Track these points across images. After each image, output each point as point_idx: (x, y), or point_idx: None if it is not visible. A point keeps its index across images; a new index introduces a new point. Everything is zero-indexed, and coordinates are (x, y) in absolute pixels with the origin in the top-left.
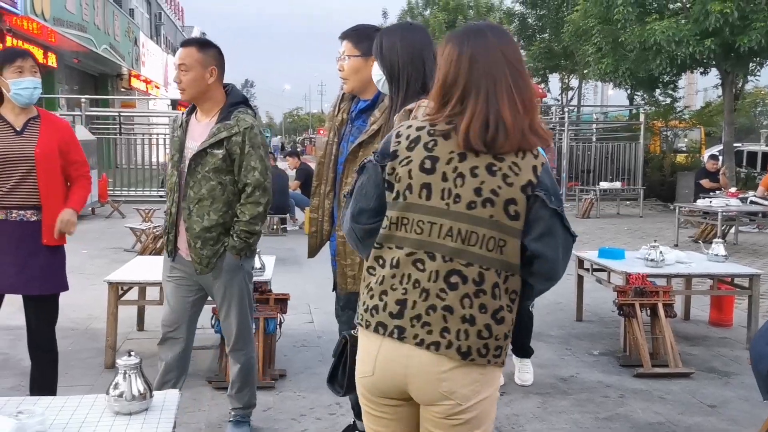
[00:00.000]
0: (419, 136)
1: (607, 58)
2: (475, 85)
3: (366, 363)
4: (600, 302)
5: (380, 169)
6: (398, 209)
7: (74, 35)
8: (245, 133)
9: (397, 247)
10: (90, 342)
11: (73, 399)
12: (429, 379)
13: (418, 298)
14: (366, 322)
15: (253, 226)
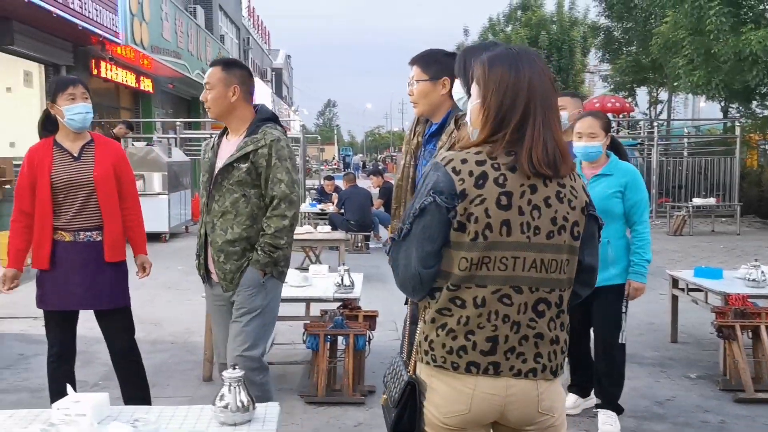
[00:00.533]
0: (484, 171)
1: (699, 70)
2: (532, 111)
3: (459, 402)
4: (695, 323)
5: (445, 210)
6: (479, 249)
7: (170, 62)
8: (272, 145)
9: (478, 285)
10: (188, 355)
11: (181, 409)
12: (528, 404)
13: (510, 332)
14: (453, 363)
15: (278, 240)
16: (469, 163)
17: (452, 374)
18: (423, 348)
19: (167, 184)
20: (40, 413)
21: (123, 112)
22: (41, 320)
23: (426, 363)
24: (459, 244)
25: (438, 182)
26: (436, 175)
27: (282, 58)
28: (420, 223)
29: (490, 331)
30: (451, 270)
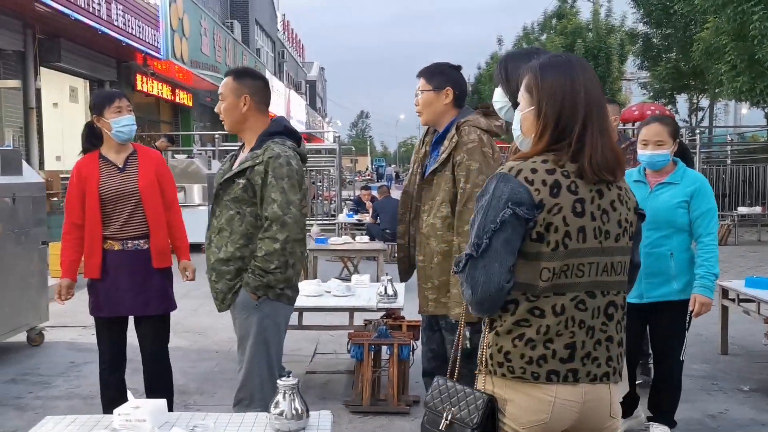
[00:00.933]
0: (557, 180)
1: (742, 76)
2: (590, 117)
3: (540, 412)
4: (746, 334)
5: (524, 221)
6: (560, 258)
7: (208, 75)
8: (268, 162)
9: (557, 294)
10: (233, 364)
11: (237, 416)
12: (602, 409)
13: (586, 337)
14: (533, 374)
15: (268, 264)
16: (540, 172)
17: (532, 384)
18: (496, 360)
19: (207, 195)
20: (101, 419)
21: (163, 125)
22: (90, 329)
23: (501, 375)
24: (538, 255)
25: (514, 193)
26: (509, 186)
27: (316, 70)
28: (500, 237)
29: (568, 338)
30: (531, 282)
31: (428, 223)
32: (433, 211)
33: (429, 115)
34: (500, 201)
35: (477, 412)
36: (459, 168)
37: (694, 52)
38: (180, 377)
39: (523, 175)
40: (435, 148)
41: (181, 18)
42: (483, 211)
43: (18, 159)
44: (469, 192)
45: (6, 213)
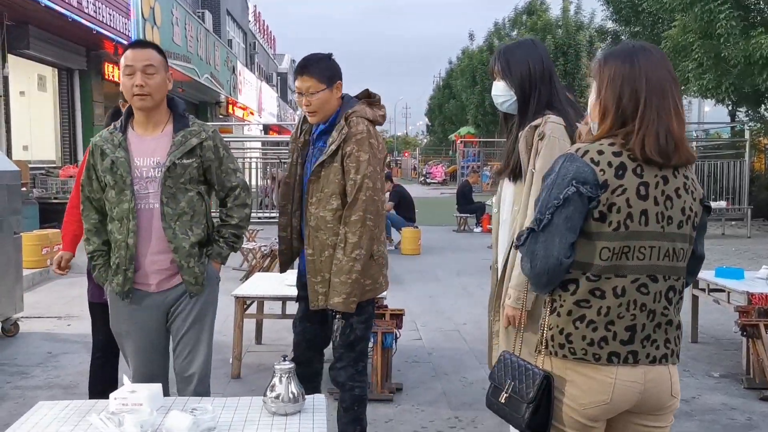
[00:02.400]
0: (623, 162)
1: (708, 73)
2: (649, 101)
3: (601, 393)
4: (714, 323)
5: (587, 200)
6: (621, 239)
7: (180, 66)
8: (214, 137)
9: (617, 275)
10: (214, 354)
11: (232, 400)
12: (664, 389)
13: (646, 320)
14: (594, 355)
15: (242, 230)
16: (606, 154)
17: (593, 365)
18: (557, 342)
19: None
20: (95, 403)
21: None
22: (66, 320)
23: (562, 357)
24: (599, 234)
25: (579, 172)
26: (574, 165)
27: (287, 62)
28: (562, 213)
29: (629, 320)
30: (590, 261)
31: (317, 216)
32: (322, 203)
33: (324, 113)
34: (564, 179)
35: (533, 388)
36: (349, 159)
37: (662, 49)
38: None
39: (589, 156)
40: (319, 139)
41: (153, 7)
42: (548, 188)
43: None
44: (359, 182)
45: None
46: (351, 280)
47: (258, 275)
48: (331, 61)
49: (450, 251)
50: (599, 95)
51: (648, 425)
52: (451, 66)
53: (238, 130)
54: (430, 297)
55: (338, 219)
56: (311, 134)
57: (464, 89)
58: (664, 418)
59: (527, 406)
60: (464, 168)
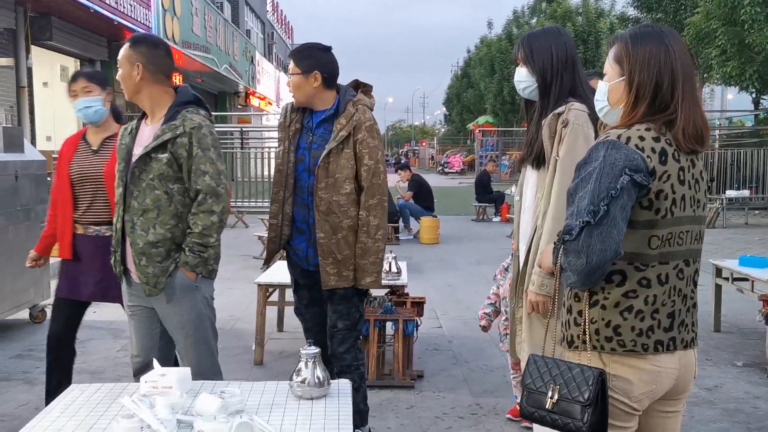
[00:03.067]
0: (663, 148)
1: (732, 60)
2: (683, 86)
3: (649, 383)
4: (737, 312)
5: (639, 189)
6: (668, 226)
7: (199, 56)
8: (192, 133)
9: (661, 263)
10: (236, 340)
11: (259, 384)
12: (690, 372)
13: (681, 305)
14: (643, 345)
15: (207, 238)
16: (647, 140)
17: (640, 356)
18: (603, 335)
19: None
20: (126, 386)
21: None
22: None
23: (610, 351)
24: (650, 222)
25: (630, 160)
26: (622, 153)
27: None
28: (618, 204)
29: (670, 307)
30: (639, 251)
31: (329, 200)
32: (335, 188)
33: (301, 97)
34: (614, 168)
35: (588, 388)
36: (361, 146)
37: (685, 36)
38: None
39: (633, 143)
40: (319, 126)
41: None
42: (595, 178)
43: (20, 136)
44: (374, 168)
45: (9, 190)
46: (379, 259)
47: (279, 263)
48: (319, 52)
49: (469, 240)
50: (632, 79)
51: (667, 410)
52: (469, 55)
53: (257, 120)
54: (450, 286)
55: (351, 202)
56: (303, 122)
57: (482, 78)
58: (680, 402)
59: (584, 408)
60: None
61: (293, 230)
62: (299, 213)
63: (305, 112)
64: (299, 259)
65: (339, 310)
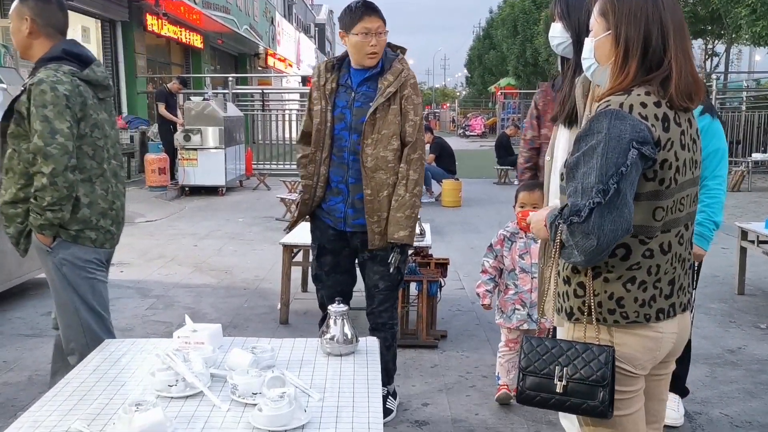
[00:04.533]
0: (666, 113)
1: (762, 20)
2: (674, 38)
3: (652, 350)
4: (762, 275)
5: (645, 161)
6: (672, 195)
7: (220, 17)
8: (30, 90)
9: (664, 232)
10: (261, 300)
11: (288, 341)
12: (686, 333)
13: (681, 270)
14: (646, 315)
15: (42, 201)
16: (650, 106)
17: (644, 325)
18: (606, 308)
19: (224, 138)
20: (158, 342)
21: (174, 67)
22: (118, 266)
23: (613, 323)
24: (655, 194)
25: (636, 131)
26: (627, 124)
27: (325, 13)
28: (627, 180)
29: (671, 274)
30: (644, 223)
31: (376, 156)
32: (382, 144)
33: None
34: (621, 141)
35: (603, 368)
36: (407, 102)
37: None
38: (212, 312)
39: (637, 111)
40: (362, 84)
41: None
42: (600, 152)
43: None
44: (419, 124)
45: None
46: (414, 214)
47: (303, 224)
48: None
49: (490, 203)
50: (618, 34)
51: (660, 374)
52: (491, 15)
53: (277, 81)
54: (472, 248)
55: (397, 159)
56: (340, 81)
57: (505, 39)
58: (671, 364)
59: (602, 388)
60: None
61: (327, 192)
62: (336, 173)
63: (341, 71)
64: (334, 221)
65: (380, 271)
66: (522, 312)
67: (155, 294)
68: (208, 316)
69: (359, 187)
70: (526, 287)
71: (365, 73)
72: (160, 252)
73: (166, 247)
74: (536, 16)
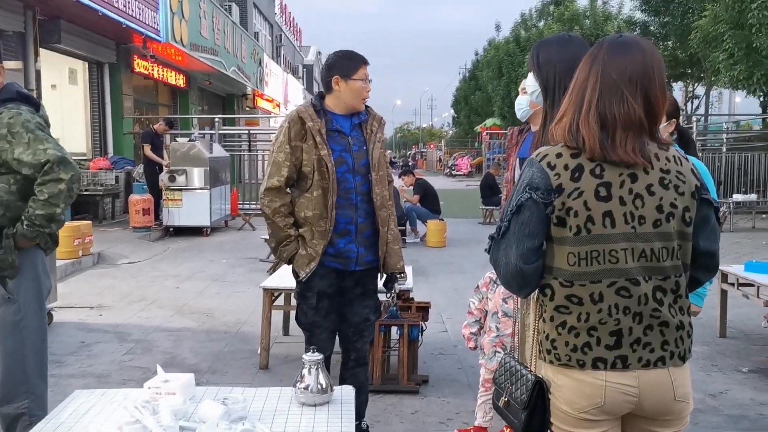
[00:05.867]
0: (580, 164)
1: (740, 64)
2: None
3: (593, 396)
4: (743, 318)
5: (542, 205)
6: (584, 243)
7: (207, 59)
8: (10, 124)
9: (592, 282)
10: (242, 344)
11: (262, 390)
12: (664, 392)
13: (633, 323)
14: (578, 361)
15: (54, 208)
16: (564, 156)
17: (579, 371)
18: (545, 347)
19: (209, 179)
20: (129, 392)
21: (161, 108)
22: (98, 310)
23: (549, 362)
24: (562, 239)
25: (533, 178)
26: (531, 171)
27: (313, 54)
28: (518, 220)
29: (613, 325)
30: (559, 266)
31: (381, 195)
32: (381, 183)
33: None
34: (521, 185)
35: (526, 394)
36: (380, 142)
37: (692, 40)
38: (191, 357)
39: (546, 161)
40: (354, 129)
41: (181, 0)
42: (512, 195)
43: None
44: (386, 162)
45: None
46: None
47: (285, 267)
48: None
49: (476, 243)
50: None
51: (653, 430)
52: (477, 57)
53: (265, 122)
54: (456, 290)
55: (390, 195)
56: (329, 127)
57: (490, 80)
58: (674, 423)
59: (523, 411)
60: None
61: (333, 235)
62: (344, 215)
63: (325, 117)
64: (344, 262)
65: (370, 304)
66: (502, 355)
67: (134, 338)
68: (187, 361)
69: (366, 225)
70: (507, 331)
71: (354, 119)
72: (141, 294)
73: (147, 289)
74: (520, 58)
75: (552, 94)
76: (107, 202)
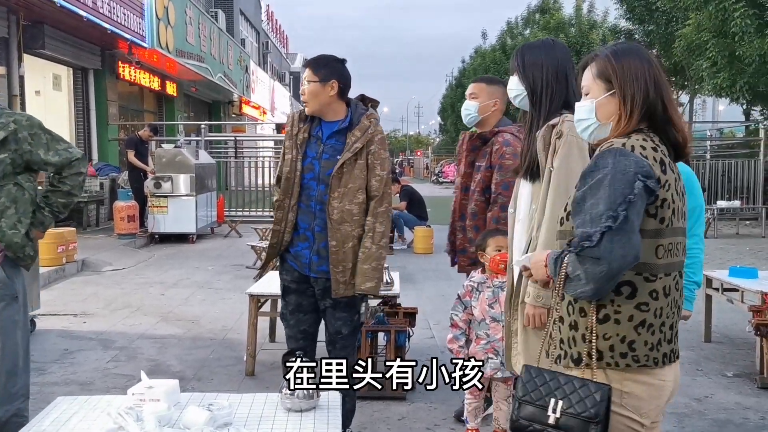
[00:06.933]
0: (662, 158)
1: (723, 72)
2: (667, 94)
3: (659, 397)
4: (728, 323)
5: (648, 196)
6: (670, 236)
7: (193, 65)
8: (29, 126)
9: (665, 275)
10: (228, 351)
11: (248, 396)
12: (678, 382)
13: (676, 317)
14: (654, 359)
15: (74, 198)
16: (647, 149)
17: (650, 371)
18: (618, 351)
19: (194, 185)
20: (113, 399)
21: (147, 114)
22: (81, 317)
23: (625, 366)
24: (656, 231)
25: (640, 166)
26: (631, 160)
27: (300, 61)
28: (634, 209)
29: (672, 318)
30: (647, 260)
31: (341, 209)
32: (347, 197)
33: (315, 105)
34: (626, 174)
35: (598, 405)
36: (373, 157)
37: (676, 48)
38: (177, 364)
39: (638, 151)
40: (331, 137)
41: (167, 6)
42: (607, 184)
43: None
44: (385, 178)
45: None
46: (380, 266)
47: (271, 273)
48: (335, 62)
49: None
50: (623, 92)
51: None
52: (464, 65)
53: (251, 129)
54: (443, 296)
55: (363, 212)
56: (311, 132)
57: None
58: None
59: (594, 426)
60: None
61: (294, 237)
62: (304, 220)
63: (313, 122)
64: (300, 266)
65: (343, 317)
66: (495, 360)
67: (118, 345)
68: (172, 368)
69: (324, 236)
70: (498, 336)
71: (334, 126)
72: (126, 301)
73: (132, 296)
74: (506, 66)
75: (540, 97)
76: (92, 208)
